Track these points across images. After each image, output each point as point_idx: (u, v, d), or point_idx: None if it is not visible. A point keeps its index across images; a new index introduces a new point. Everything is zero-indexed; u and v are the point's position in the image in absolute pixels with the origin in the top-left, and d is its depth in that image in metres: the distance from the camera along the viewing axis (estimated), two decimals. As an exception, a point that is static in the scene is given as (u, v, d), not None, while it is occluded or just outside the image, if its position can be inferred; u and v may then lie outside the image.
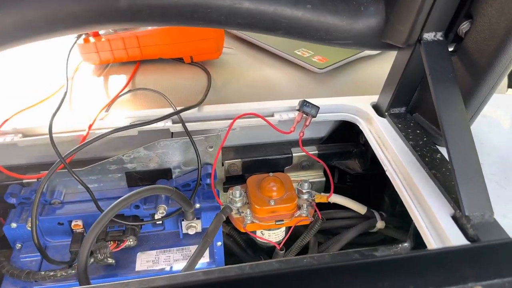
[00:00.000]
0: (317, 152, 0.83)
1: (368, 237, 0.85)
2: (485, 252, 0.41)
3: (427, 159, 0.62)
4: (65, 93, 0.76)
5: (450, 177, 0.58)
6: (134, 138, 0.71)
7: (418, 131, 0.68)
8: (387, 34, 0.64)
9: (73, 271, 0.65)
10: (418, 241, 0.69)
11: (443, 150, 0.63)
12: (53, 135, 0.64)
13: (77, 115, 0.71)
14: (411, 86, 0.70)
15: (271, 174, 0.76)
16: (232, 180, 0.83)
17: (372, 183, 0.86)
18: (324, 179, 0.86)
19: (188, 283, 0.37)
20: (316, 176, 0.86)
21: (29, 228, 0.66)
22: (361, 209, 0.80)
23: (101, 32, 0.86)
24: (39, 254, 0.67)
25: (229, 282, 0.36)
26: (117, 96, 0.76)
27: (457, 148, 0.54)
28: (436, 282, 0.39)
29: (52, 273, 0.64)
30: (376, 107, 0.75)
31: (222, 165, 0.81)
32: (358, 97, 0.77)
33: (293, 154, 0.83)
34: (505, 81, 1.01)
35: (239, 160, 0.82)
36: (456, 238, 0.50)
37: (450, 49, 0.64)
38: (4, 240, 0.69)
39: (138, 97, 0.79)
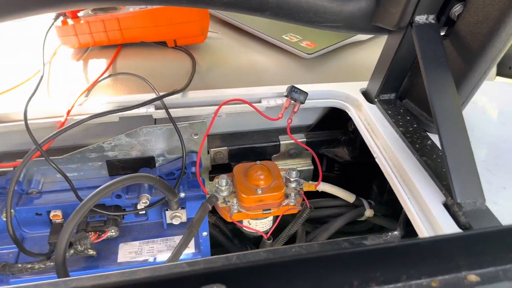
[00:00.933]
0: (305, 139, 0.82)
1: (356, 226, 0.84)
2: (478, 240, 0.40)
3: (417, 145, 0.60)
4: (41, 77, 0.73)
5: (441, 164, 0.57)
6: (115, 124, 0.68)
7: (408, 118, 0.66)
8: (378, 17, 0.62)
9: (51, 263, 0.62)
10: (408, 229, 0.68)
11: (433, 137, 0.62)
12: (29, 121, 0.61)
13: (55, 100, 0.68)
14: (401, 71, 0.68)
15: (258, 162, 0.74)
16: (218, 169, 0.81)
17: (360, 171, 0.85)
18: (312, 167, 0.84)
19: (172, 275, 0.35)
20: (304, 164, 0.84)
21: (4, 219, 0.63)
22: (349, 197, 0.78)
23: (80, 14, 0.82)
24: (15, 245, 0.64)
25: (215, 273, 0.34)
26: (97, 81, 0.73)
27: (449, 134, 0.53)
28: (430, 272, 0.38)
29: (29, 266, 0.62)
30: (366, 94, 0.73)
31: (208, 153, 0.78)
32: (347, 83, 0.76)
33: (281, 142, 0.81)
34: (493, 68, 1.00)
35: (225, 148, 0.79)
36: (447, 226, 0.49)
37: (442, 33, 0.62)
38: (-21, 231, 0.65)
39: (119, 82, 0.75)
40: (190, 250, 0.69)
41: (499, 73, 1.05)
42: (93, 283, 0.34)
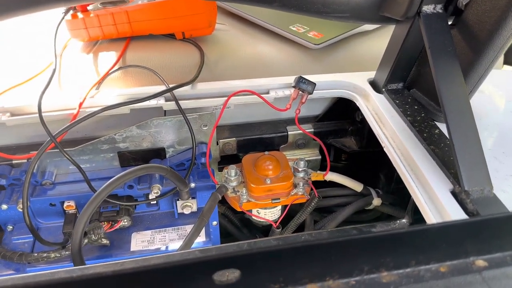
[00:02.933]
0: (312, 130, 0.82)
1: (363, 215, 0.85)
2: (486, 226, 0.41)
3: (425, 134, 0.61)
4: (54, 70, 0.74)
5: (449, 152, 0.57)
6: (126, 116, 0.69)
7: (415, 107, 0.67)
8: (385, 7, 0.62)
9: (66, 252, 0.64)
10: (416, 217, 0.69)
11: (441, 126, 0.63)
12: (43, 114, 0.62)
13: (67, 93, 0.69)
14: (409, 61, 0.69)
15: (266, 152, 0.75)
16: (226, 160, 0.82)
17: (368, 161, 0.86)
18: (320, 157, 0.85)
19: (186, 261, 0.36)
20: (312, 154, 0.85)
21: (20, 210, 0.64)
22: (357, 186, 0.79)
23: (90, 7, 0.83)
24: (31, 235, 0.66)
25: (229, 259, 0.35)
26: (107, 74, 0.74)
27: (457, 122, 0.53)
28: (438, 257, 0.39)
29: (45, 255, 0.63)
30: (373, 83, 0.74)
31: (217, 144, 0.79)
32: (355, 73, 0.76)
33: (289, 133, 0.82)
34: (501, 57, 0.99)
35: (234, 139, 0.80)
36: (455, 214, 0.50)
37: (450, 22, 0.62)
38: (-5, 222, 0.67)
39: (129, 75, 0.76)
40: (201, 238, 0.70)
41: (506, 62, 1.05)
42: (108, 270, 0.35)
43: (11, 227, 0.68)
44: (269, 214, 0.76)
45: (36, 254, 0.63)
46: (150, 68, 0.74)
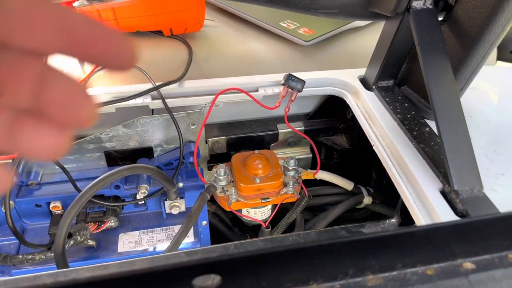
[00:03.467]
0: (303, 128, 0.81)
1: (355, 213, 0.84)
2: (474, 227, 0.40)
3: (415, 133, 0.60)
4: (37, 68, 0.72)
5: (439, 151, 0.57)
6: (112, 115, 0.68)
7: (406, 105, 0.66)
8: (375, 3, 0.61)
9: (52, 254, 0.62)
10: (405, 217, 0.68)
11: (431, 124, 0.62)
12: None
13: (51, 92, 0.68)
14: (399, 58, 0.68)
15: (256, 151, 0.74)
16: (216, 159, 0.81)
17: (359, 159, 0.85)
18: (310, 155, 0.84)
19: (164, 267, 0.35)
20: (302, 152, 0.84)
21: (4, 210, 0.63)
22: (348, 185, 0.78)
23: (75, 4, 0.81)
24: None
25: (211, 264, 0.34)
26: (93, 72, 0.72)
27: (446, 121, 0.53)
28: (424, 259, 0.38)
29: (30, 257, 0.62)
30: (363, 81, 0.73)
31: (206, 142, 0.78)
32: (345, 71, 0.75)
33: (279, 131, 0.81)
34: (494, 53, 0.99)
35: (223, 137, 0.79)
36: (444, 213, 0.49)
37: (440, 18, 0.61)
38: (-21, 223, 0.66)
39: (115, 73, 0.75)
40: (189, 239, 0.69)
41: (499, 58, 1.04)
42: (92, 274, 0.34)
43: (-5, 229, 0.67)
44: (259, 214, 0.75)
45: (21, 256, 0.62)
46: (136, 66, 0.73)
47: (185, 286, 0.34)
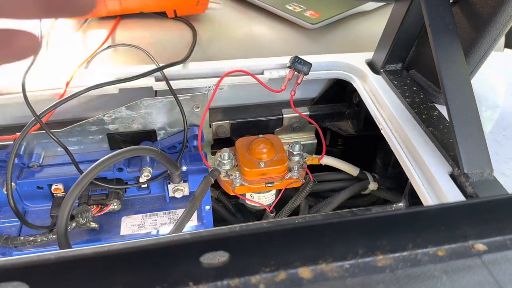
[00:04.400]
0: (308, 113, 0.80)
1: (359, 200, 0.84)
2: (486, 208, 0.39)
3: (424, 116, 0.59)
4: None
5: (448, 134, 0.56)
6: (115, 97, 0.67)
7: (414, 88, 0.65)
8: (385, -17, 0.59)
9: (54, 236, 0.62)
10: (413, 201, 0.67)
11: (440, 108, 0.61)
12: (28, 93, 0.60)
13: (53, 72, 0.67)
14: (408, 40, 0.66)
15: (261, 135, 0.73)
16: (219, 144, 0.80)
17: (364, 145, 0.84)
18: (315, 141, 0.83)
19: (173, 243, 0.34)
20: (307, 138, 0.83)
21: (5, 192, 0.62)
22: (353, 171, 0.77)
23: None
24: (18, 219, 0.64)
25: (216, 241, 0.33)
26: (96, 52, 0.71)
27: (457, 103, 0.51)
28: (436, 240, 0.37)
29: (32, 238, 0.62)
30: (371, 64, 0.72)
31: (210, 126, 0.77)
32: (353, 54, 0.74)
33: (284, 115, 0.80)
34: (502, 39, 0.97)
35: (228, 121, 0.78)
36: (454, 196, 0.48)
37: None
38: (-20, 205, 0.65)
39: (118, 54, 0.74)
40: (193, 223, 0.69)
41: (507, 45, 1.03)
42: (94, 252, 0.33)
43: (-3, 210, 0.66)
44: (263, 199, 0.74)
45: (22, 238, 0.62)
46: (140, 47, 0.72)
47: (193, 263, 0.33)
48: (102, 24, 0.81)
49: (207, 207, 0.70)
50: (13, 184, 0.62)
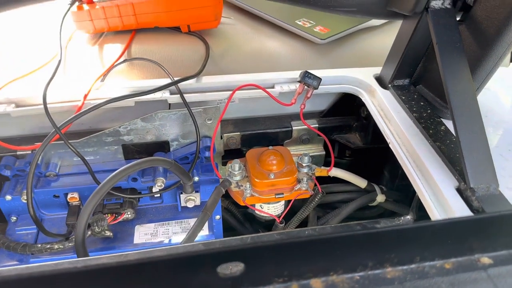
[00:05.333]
0: (317, 125, 0.82)
1: (367, 211, 0.85)
2: (492, 223, 0.40)
3: (431, 131, 0.61)
4: (59, 61, 0.74)
5: (455, 149, 0.57)
6: (131, 109, 0.69)
7: (422, 103, 0.66)
8: (393, 2, 0.61)
9: (70, 244, 0.64)
10: (420, 214, 0.69)
11: (447, 123, 0.62)
12: (48, 105, 0.62)
13: (71, 85, 0.69)
14: (416, 57, 0.68)
15: (270, 147, 0.74)
16: (230, 154, 0.82)
17: (372, 157, 0.85)
18: (324, 153, 0.85)
19: (189, 253, 0.35)
20: (316, 150, 0.85)
21: (24, 201, 0.64)
22: (361, 183, 0.79)
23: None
24: (35, 227, 0.66)
25: (232, 252, 0.35)
26: (113, 66, 0.73)
27: (464, 119, 0.53)
28: (442, 254, 0.38)
29: (48, 246, 0.63)
30: (379, 79, 0.73)
31: (221, 138, 0.79)
32: (361, 69, 0.76)
33: (293, 128, 0.82)
34: (508, 55, 0.99)
35: (238, 133, 0.80)
36: (460, 211, 0.50)
37: (458, 18, 0.62)
38: (-1, 213, 0.67)
39: (134, 67, 0.76)
40: (204, 232, 0.70)
41: (514, 60, 1.04)
42: (112, 261, 0.35)
43: (15, 218, 0.68)
44: (272, 209, 0.76)
45: (39, 245, 0.63)
46: (155, 61, 0.74)
47: (209, 273, 0.34)
48: (117, 38, 0.84)
49: (218, 217, 0.72)
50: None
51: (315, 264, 0.36)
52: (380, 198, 0.78)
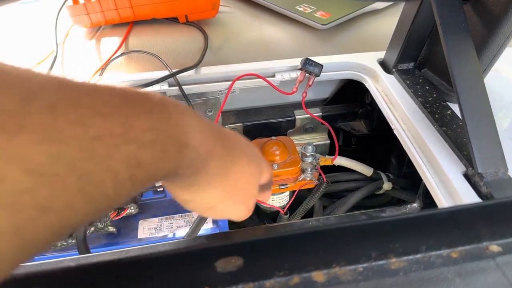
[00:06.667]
0: (321, 113, 0.80)
1: (374, 200, 0.83)
2: (500, 209, 0.39)
3: (437, 115, 0.59)
4: (55, 57, 0.73)
5: (462, 134, 0.55)
6: (130, 103, 0.68)
7: (427, 87, 0.65)
8: (395, -17, 0.59)
9: (73, 241, 0.63)
10: (427, 201, 0.67)
11: (453, 107, 0.60)
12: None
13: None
14: (419, 39, 0.66)
15: (273, 138, 0.73)
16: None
17: (378, 144, 0.84)
18: (328, 141, 0.83)
19: (188, 249, 0.35)
20: (320, 139, 0.83)
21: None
22: (367, 171, 0.77)
23: (92, -7, 0.81)
24: (38, 224, 0.66)
25: (230, 246, 0.34)
26: (110, 59, 0.72)
27: (470, 102, 0.51)
28: (449, 242, 0.37)
29: (52, 243, 0.63)
30: (383, 64, 0.71)
31: (223, 129, 0.78)
32: (364, 54, 0.74)
33: (296, 117, 0.80)
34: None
35: (240, 124, 0.79)
36: (468, 197, 0.48)
37: (462, -3, 0.59)
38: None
39: (132, 60, 0.75)
40: (208, 225, 0.69)
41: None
42: (113, 258, 0.34)
43: (18, 216, 0.68)
44: (276, 200, 0.75)
45: (43, 243, 0.63)
46: (153, 53, 0.73)
47: (207, 268, 0.34)
48: (115, 31, 0.83)
49: (222, 210, 0.71)
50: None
51: (316, 256, 0.35)
52: (387, 186, 0.76)
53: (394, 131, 0.62)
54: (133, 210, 0.68)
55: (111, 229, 0.66)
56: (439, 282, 0.33)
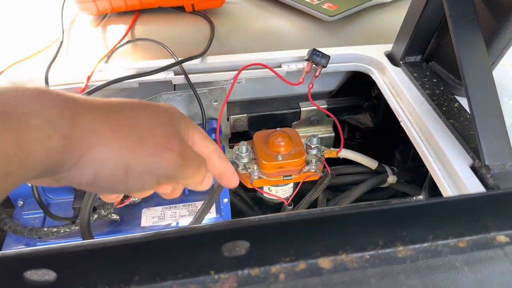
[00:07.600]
0: (326, 106, 0.80)
1: (378, 193, 0.83)
2: (508, 199, 0.38)
3: (444, 108, 0.58)
4: (61, 42, 0.73)
5: (469, 126, 0.55)
6: (135, 91, 0.68)
7: (434, 80, 0.64)
8: (405, -27, 0.59)
9: (76, 228, 0.63)
10: (433, 194, 0.67)
11: (461, 100, 0.60)
12: (50, 87, 0.61)
13: (75, 66, 0.68)
14: (428, 32, 0.65)
15: (278, 129, 0.73)
16: (237, 137, 0.80)
17: (383, 138, 0.83)
18: (333, 134, 0.83)
19: (194, 231, 0.35)
20: (325, 131, 0.83)
21: (30, 185, 0.64)
22: (372, 164, 0.77)
23: (98, -19, 0.81)
24: (41, 211, 0.66)
25: (237, 230, 0.34)
26: (116, 47, 0.72)
27: (478, 95, 0.51)
28: (457, 232, 0.37)
29: (55, 229, 0.63)
30: (390, 56, 0.71)
31: (228, 120, 0.78)
32: (371, 46, 0.73)
33: (301, 109, 0.80)
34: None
35: (245, 115, 0.78)
36: (475, 189, 0.48)
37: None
38: (6, 198, 0.67)
39: (138, 48, 0.75)
40: (212, 215, 0.69)
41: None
42: (118, 241, 0.34)
43: (21, 203, 0.68)
44: (280, 192, 0.75)
45: (46, 229, 0.63)
46: (159, 41, 0.72)
47: (214, 252, 0.33)
48: (121, 19, 0.82)
49: (225, 200, 0.71)
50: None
51: (323, 242, 0.35)
52: (391, 179, 0.76)
53: (401, 123, 0.61)
54: (136, 199, 0.68)
55: (115, 216, 0.66)
56: (447, 270, 0.33)
